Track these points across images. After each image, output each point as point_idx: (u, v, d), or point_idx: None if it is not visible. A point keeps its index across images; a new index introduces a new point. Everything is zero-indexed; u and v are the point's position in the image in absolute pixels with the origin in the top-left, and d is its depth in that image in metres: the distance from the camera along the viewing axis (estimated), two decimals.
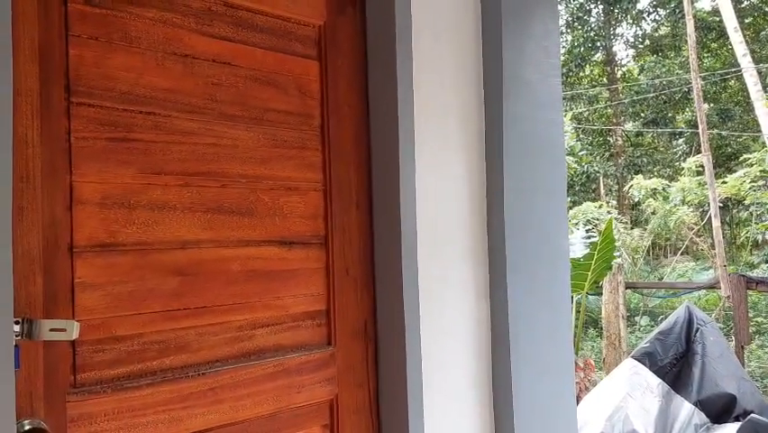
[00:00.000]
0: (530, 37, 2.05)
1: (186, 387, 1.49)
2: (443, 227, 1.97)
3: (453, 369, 1.97)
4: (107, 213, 1.39)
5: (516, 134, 2.00)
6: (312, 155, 1.79)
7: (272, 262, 1.69)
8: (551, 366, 2.08)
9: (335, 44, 1.84)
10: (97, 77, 1.39)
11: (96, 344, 1.37)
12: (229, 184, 1.61)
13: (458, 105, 2.00)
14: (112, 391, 1.38)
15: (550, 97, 2.10)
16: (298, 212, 1.75)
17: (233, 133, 1.62)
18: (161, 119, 1.49)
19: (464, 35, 2.03)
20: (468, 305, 2.01)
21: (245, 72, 1.65)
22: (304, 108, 1.78)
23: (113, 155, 1.41)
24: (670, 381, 3.48)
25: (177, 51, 1.52)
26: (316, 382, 1.75)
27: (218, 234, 1.58)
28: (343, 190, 1.85)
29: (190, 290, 1.53)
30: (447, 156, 1.99)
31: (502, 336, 1.97)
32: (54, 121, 1.32)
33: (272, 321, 1.68)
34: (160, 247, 1.48)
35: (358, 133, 1.89)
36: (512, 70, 2.00)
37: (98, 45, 1.40)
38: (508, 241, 1.97)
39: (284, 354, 1.70)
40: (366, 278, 1.89)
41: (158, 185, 1.48)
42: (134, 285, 1.43)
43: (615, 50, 21.99)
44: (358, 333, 1.86)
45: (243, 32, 1.65)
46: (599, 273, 5.47)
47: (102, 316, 1.38)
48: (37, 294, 1.28)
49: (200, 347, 1.54)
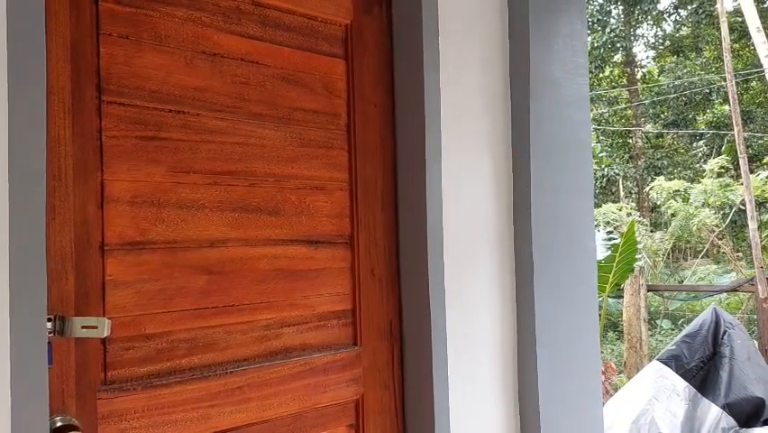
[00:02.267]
0: (557, 36, 2.03)
1: (214, 385, 1.49)
2: (469, 227, 1.95)
3: (479, 370, 1.95)
4: (137, 211, 1.40)
5: (543, 134, 1.98)
6: (338, 154, 1.79)
7: (298, 261, 1.69)
8: (577, 368, 2.05)
9: (362, 43, 1.84)
10: (128, 75, 1.40)
11: (126, 341, 1.38)
12: (257, 183, 1.61)
13: (484, 105, 1.99)
14: (142, 388, 1.38)
15: (577, 97, 2.08)
16: (324, 211, 1.75)
17: (260, 132, 1.62)
18: (190, 118, 1.50)
19: (491, 34, 2.01)
20: (494, 306, 2.00)
21: (273, 71, 1.65)
22: (330, 107, 1.77)
23: (143, 154, 1.42)
24: (697, 384, 3.43)
25: (205, 50, 1.53)
26: (342, 382, 1.75)
27: (246, 233, 1.58)
28: (369, 190, 1.84)
29: (218, 288, 1.53)
30: (473, 155, 1.97)
31: (528, 337, 1.95)
32: (86, 119, 1.33)
33: (298, 320, 1.68)
34: (189, 245, 1.48)
35: (384, 133, 1.88)
36: (539, 69, 1.98)
37: (129, 44, 1.41)
38: (535, 241, 1.95)
39: (310, 354, 1.69)
40: (391, 278, 1.88)
41: (187, 183, 1.48)
42: (163, 283, 1.43)
43: (635, 52, 21.77)
44: (383, 333, 1.85)
45: (271, 31, 1.65)
46: (621, 276, 5.42)
47: (132, 313, 1.39)
48: (69, 292, 1.29)
49: (227, 346, 1.54)
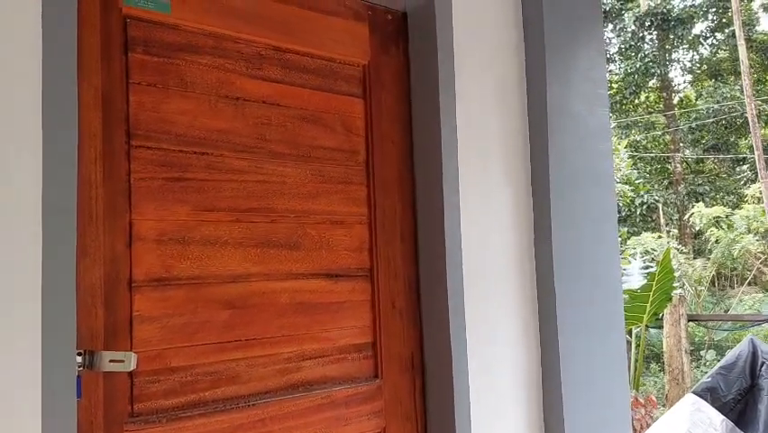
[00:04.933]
0: (575, 69, 2.06)
1: (236, 418, 1.53)
2: (489, 259, 1.97)
3: (503, 402, 1.95)
4: (164, 249, 1.47)
5: (563, 165, 2.00)
6: (357, 190, 1.83)
7: (319, 294, 1.73)
8: (605, 401, 2.02)
9: (379, 82, 1.90)
10: (155, 120, 1.48)
11: (152, 374, 1.43)
12: (277, 219, 1.67)
13: (503, 138, 2.02)
14: (167, 420, 1.43)
15: (597, 128, 2.09)
16: (344, 245, 1.79)
17: (281, 170, 1.68)
18: (214, 159, 1.57)
19: (508, 68, 2.06)
20: (516, 338, 1.99)
21: (293, 112, 1.72)
22: (349, 145, 1.83)
23: (169, 194, 1.49)
24: (734, 418, 3.31)
25: (228, 94, 1.61)
26: (364, 414, 1.77)
27: (267, 268, 1.63)
28: (388, 223, 1.88)
29: (240, 322, 1.58)
30: (492, 188, 2.00)
31: (553, 370, 1.94)
32: (116, 163, 1.41)
33: (319, 353, 1.71)
34: (213, 281, 1.54)
35: (402, 168, 1.92)
36: (557, 102, 2.01)
37: (156, 91, 1.49)
38: (557, 272, 1.95)
39: (331, 387, 1.72)
40: (412, 310, 1.90)
41: (210, 221, 1.55)
42: (188, 318, 1.49)
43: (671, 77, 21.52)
44: (405, 366, 1.87)
45: (291, 74, 1.73)
46: (659, 305, 5.29)
47: (157, 347, 1.44)
48: (98, 327, 1.35)
49: (250, 378, 1.58)
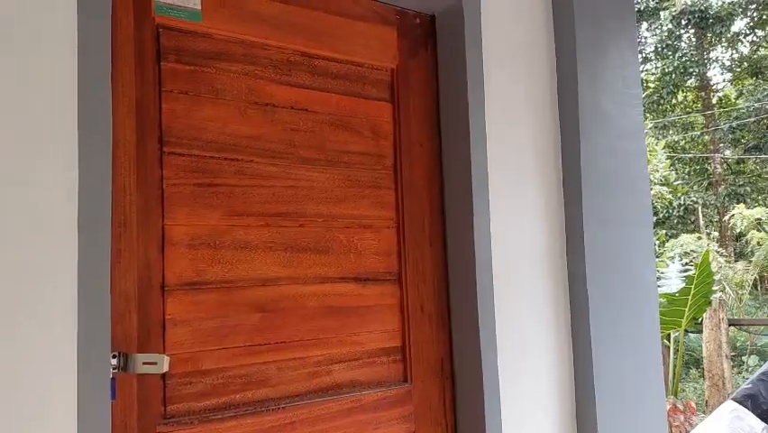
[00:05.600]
0: (607, 68, 2.03)
1: (267, 420, 1.55)
2: (520, 263, 1.95)
3: (535, 409, 1.92)
4: (195, 253, 1.49)
5: (595, 167, 1.97)
6: (385, 194, 1.84)
7: (348, 298, 1.73)
8: (640, 408, 1.98)
9: (408, 86, 1.90)
10: (187, 127, 1.51)
11: (184, 377, 1.46)
12: (306, 223, 1.68)
13: (533, 139, 2.00)
14: (199, 422, 1.45)
15: (630, 128, 2.06)
16: (372, 249, 1.79)
17: (310, 175, 1.70)
18: (244, 164, 1.59)
19: (538, 69, 2.04)
20: (548, 343, 1.97)
21: (322, 117, 1.73)
22: (377, 149, 1.83)
23: (200, 199, 1.51)
24: None
25: (258, 101, 1.63)
26: (393, 418, 1.76)
27: (296, 272, 1.65)
28: (416, 227, 1.88)
29: (270, 325, 1.59)
30: (523, 190, 1.98)
31: (586, 376, 1.91)
32: (149, 170, 1.44)
33: (348, 357, 1.72)
34: (243, 285, 1.56)
35: (430, 171, 1.92)
36: (589, 103, 1.98)
37: (188, 99, 1.52)
38: (590, 275, 1.92)
39: (360, 391, 1.72)
40: (441, 314, 1.90)
41: (241, 226, 1.57)
42: (219, 321, 1.51)
43: (709, 75, 21.03)
44: (434, 370, 1.86)
45: (320, 80, 1.74)
46: (698, 309, 5.16)
47: (189, 350, 1.47)
48: (132, 330, 1.38)
49: (279, 382, 1.59)
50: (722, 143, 19.99)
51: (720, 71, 20.77)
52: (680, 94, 20.77)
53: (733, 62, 21.17)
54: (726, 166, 19.84)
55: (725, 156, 19.32)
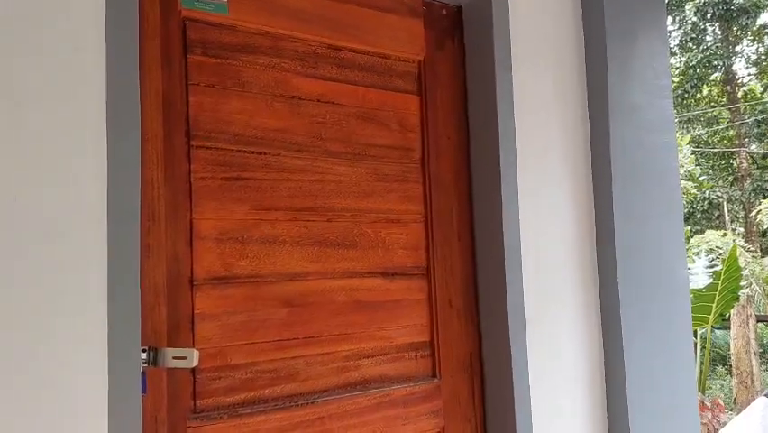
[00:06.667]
0: (637, 59, 1.99)
1: (296, 415, 1.54)
2: (549, 256, 1.92)
3: (564, 404, 1.89)
4: (223, 247, 1.49)
5: (625, 160, 1.93)
6: (413, 188, 1.82)
7: (376, 292, 1.72)
8: (672, 404, 1.94)
9: (435, 78, 1.87)
10: (214, 121, 1.50)
11: (213, 371, 1.45)
12: (334, 218, 1.66)
13: (562, 132, 1.97)
14: (228, 417, 1.44)
15: (661, 120, 2.01)
16: (400, 243, 1.77)
17: (337, 168, 1.68)
18: (271, 158, 1.58)
19: (566, 60, 2.00)
20: (578, 338, 1.94)
21: (348, 110, 1.72)
22: (404, 142, 1.81)
23: (227, 193, 1.51)
24: None
25: (284, 94, 1.62)
26: (422, 414, 1.75)
27: (324, 266, 1.64)
28: (444, 221, 1.85)
29: (298, 320, 1.58)
30: (552, 183, 1.95)
31: (617, 372, 1.87)
32: (176, 164, 1.43)
33: (377, 352, 1.70)
34: (271, 279, 1.55)
35: (458, 165, 1.90)
36: (618, 94, 1.94)
37: (214, 92, 1.51)
38: (620, 271, 1.88)
39: (389, 385, 1.71)
40: (470, 309, 1.87)
41: (268, 220, 1.56)
42: (247, 315, 1.50)
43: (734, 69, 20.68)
44: (463, 365, 1.84)
45: (346, 72, 1.73)
46: (725, 305, 5.07)
47: (218, 345, 1.46)
48: (161, 324, 1.38)
49: (308, 376, 1.58)
50: (747, 138, 19.64)
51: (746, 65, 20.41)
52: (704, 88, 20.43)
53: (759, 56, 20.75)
54: (751, 160, 19.49)
55: (750, 151, 18.98)
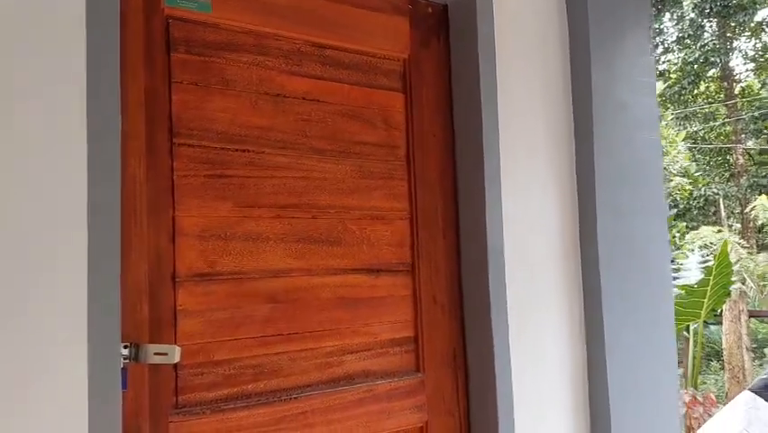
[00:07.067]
0: (622, 56, 2.00)
1: (279, 410, 1.55)
2: (533, 254, 1.93)
3: (547, 398, 1.91)
4: (206, 244, 1.50)
5: (609, 156, 1.94)
6: (398, 185, 1.83)
7: (360, 289, 1.73)
8: (653, 399, 1.96)
9: (420, 76, 1.88)
10: (197, 118, 1.51)
11: (196, 367, 1.46)
12: (319, 215, 1.68)
13: (546, 130, 1.98)
14: (211, 412, 1.46)
15: (645, 117, 2.02)
16: (385, 240, 1.79)
17: (322, 166, 1.69)
18: (255, 155, 1.59)
19: (551, 58, 2.01)
20: (561, 334, 1.95)
21: (333, 108, 1.73)
22: (389, 140, 1.82)
23: (210, 191, 1.52)
24: None
25: (269, 91, 1.62)
26: (406, 408, 1.76)
27: (309, 263, 1.65)
28: (430, 219, 1.87)
29: (282, 316, 1.59)
30: (536, 182, 1.96)
31: (599, 366, 1.89)
32: (159, 161, 1.44)
33: (361, 347, 1.72)
34: (255, 276, 1.56)
35: (443, 162, 1.91)
36: (602, 92, 1.95)
37: (198, 90, 1.52)
38: (603, 265, 1.90)
39: (373, 380, 1.72)
40: (454, 306, 1.89)
41: (252, 217, 1.57)
42: (231, 312, 1.52)
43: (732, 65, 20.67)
44: (447, 361, 1.86)
45: (331, 70, 1.73)
46: (717, 301, 5.08)
47: (201, 341, 1.47)
48: (143, 321, 1.39)
49: (292, 372, 1.60)
50: (744, 134, 19.65)
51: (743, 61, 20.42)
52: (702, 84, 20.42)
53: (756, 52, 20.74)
54: (748, 157, 19.51)
55: (746, 147, 19.00)
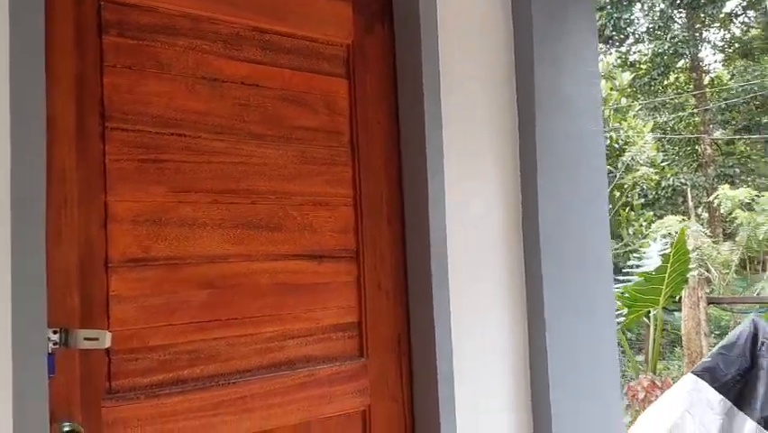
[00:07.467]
0: (565, 47, 2.02)
1: (216, 395, 1.55)
2: (476, 240, 1.95)
3: (489, 383, 1.94)
4: (140, 230, 1.49)
5: (551, 145, 1.97)
6: (342, 171, 1.83)
7: (302, 275, 1.74)
8: (594, 381, 2.01)
9: (364, 62, 1.88)
10: (131, 102, 1.50)
11: (129, 353, 1.46)
12: (258, 200, 1.67)
13: (490, 118, 2.00)
14: (145, 397, 1.46)
15: (588, 107, 2.05)
16: (328, 227, 1.79)
17: (261, 151, 1.69)
18: (191, 140, 1.58)
19: (495, 45, 2.02)
20: (503, 319, 1.98)
21: (273, 93, 1.72)
22: (333, 125, 1.82)
23: (145, 176, 1.50)
24: (732, 397, 3.25)
25: (206, 76, 1.61)
26: (348, 393, 1.78)
27: (248, 249, 1.65)
28: (374, 205, 1.87)
29: (220, 302, 1.59)
30: (480, 169, 1.98)
31: (540, 351, 1.92)
32: (90, 145, 1.43)
33: (303, 333, 1.73)
34: (191, 261, 1.56)
35: (388, 149, 1.91)
36: (545, 81, 1.97)
37: (132, 73, 1.50)
38: (544, 253, 1.93)
39: (315, 365, 1.73)
40: (399, 292, 1.90)
41: (188, 202, 1.56)
42: (166, 297, 1.51)
43: (701, 56, 20.98)
44: (391, 346, 1.87)
45: (271, 55, 1.72)
46: (675, 287, 5.20)
47: (135, 327, 1.47)
48: (74, 307, 1.38)
49: (230, 357, 1.60)
50: (712, 124, 19.98)
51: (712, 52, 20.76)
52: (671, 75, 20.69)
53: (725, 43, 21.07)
54: (715, 147, 19.86)
55: (714, 137, 19.33)
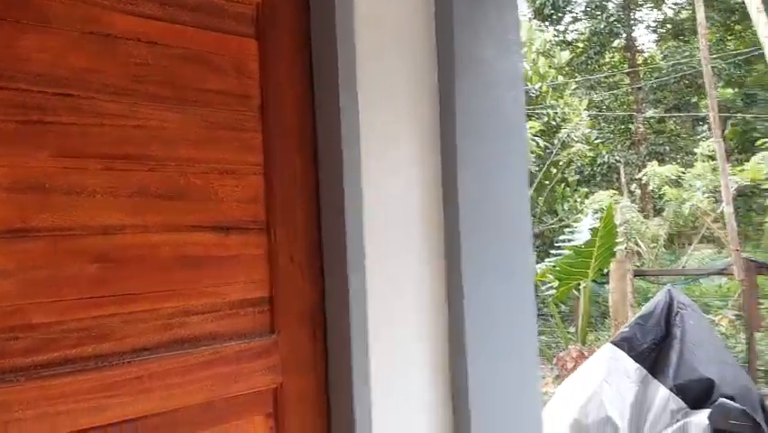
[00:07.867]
0: (485, 13, 1.97)
1: (109, 375, 1.45)
2: (394, 212, 1.90)
3: (407, 354, 1.91)
4: (18, 198, 1.36)
5: (471, 115, 1.92)
6: (251, 137, 1.74)
7: (206, 247, 1.64)
8: (513, 348, 2.01)
9: (275, 22, 1.78)
10: (8, 58, 1.36)
11: (8, 331, 1.34)
12: (157, 167, 1.56)
13: (407, 84, 1.93)
14: (26, 379, 1.34)
15: (509, 75, 2.02)
16: (235, 196, 1.70)
17: (160, 114, 1.57)
18: (80, 101, 1.45)
19: (414, 11, 1.96)
20: (422, 290, 1.95)
21: (174, 51, 1.60)
22: (241, 89, 1.72)
23: (25, 138, 1.37)
24: (648, 365, 3.37)
25: (95, 31, 1.48)
26: (257, 370, 1.71)
27: (145, 219, 1.54)
28: (287, 174, 1.79)
29: (115, 276, 1.49)
30: (398, 139, 1.92)
31: (458, 317, 1.90)
32: None
33: (207, 309, 1.64)
34: (80, 233, 1.44)
35: (302, 115, 1.83)
36: (466, 48, 1.92)
37: (8, 25, 1.36)
38: (463, 224, 1.90)
39: (221, 343, 1.65)
40: (313, 265, 1.83)
41: (76, 168, 1.44)
42: (50, 271, 1.39)
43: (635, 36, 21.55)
44: (304, 321, 1.81)
45: (171, 11, 1.60)
46: (603, 261, 5.35)
47: (15, 303, 1.35)
48: None
49: (125, 335, 1.50)
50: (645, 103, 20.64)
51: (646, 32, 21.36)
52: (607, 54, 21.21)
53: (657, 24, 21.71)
54: (647, 125, 20.54)
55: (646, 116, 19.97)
